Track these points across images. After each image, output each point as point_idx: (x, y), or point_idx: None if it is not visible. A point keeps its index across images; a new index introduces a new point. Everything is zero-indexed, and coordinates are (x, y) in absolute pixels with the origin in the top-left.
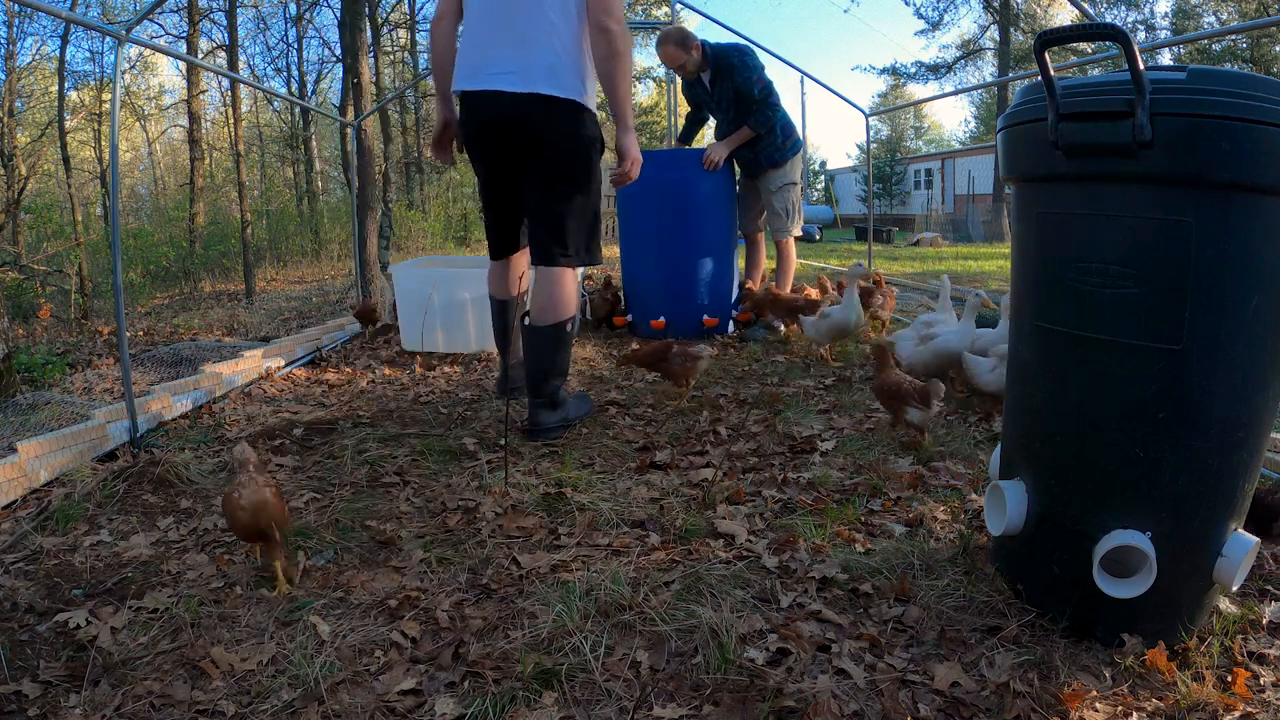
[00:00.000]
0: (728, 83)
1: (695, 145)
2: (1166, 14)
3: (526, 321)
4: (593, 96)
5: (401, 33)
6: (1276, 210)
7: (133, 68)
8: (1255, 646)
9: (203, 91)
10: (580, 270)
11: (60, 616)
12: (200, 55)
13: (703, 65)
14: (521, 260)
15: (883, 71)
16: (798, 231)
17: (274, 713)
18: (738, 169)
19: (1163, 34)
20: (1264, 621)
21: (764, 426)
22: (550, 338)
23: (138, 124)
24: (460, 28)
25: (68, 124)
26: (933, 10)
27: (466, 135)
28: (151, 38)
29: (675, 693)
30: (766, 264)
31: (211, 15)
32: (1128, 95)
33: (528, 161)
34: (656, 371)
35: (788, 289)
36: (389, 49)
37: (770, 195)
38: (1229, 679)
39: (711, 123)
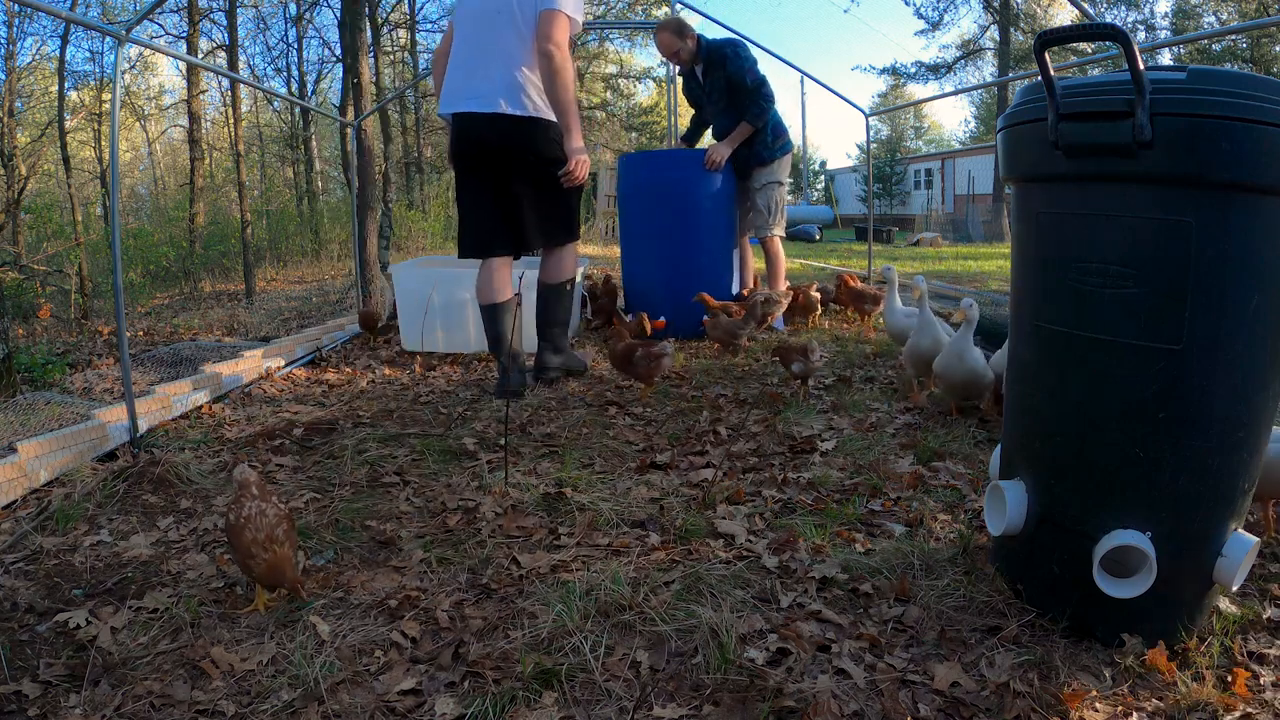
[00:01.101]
0: (719, 73)
1: (700, 146)
2: (1166, 14)
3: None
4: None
5: (401, 33)
6: (1276, 210)
7: (133, 68)
8: (1255, 646)
9: (203, 91)
10: (580, 269)
11: (60, 616)
12: (200, 55)
13: (696, 57)
14: (505, 266)
15: (883, 71)
16: (780, 232)
17: (274, 713)
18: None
19: (1163, 34)
20: (1264, 621)
21: (764, 426)
22: (554, 290)
23: (138, 124)
24: None
25: (68, 124)
26: (933, 10)
27: (451, 150)
28: (151, 38)
29: (675, 693)
30: (757, 265)
31: (211, 15)
32: (1128, 95)
33: (504, 170)
34: (627, 373)
35: (781, 289)
36: (389, 49)
37: (754, 192)
38: (1229, 679)
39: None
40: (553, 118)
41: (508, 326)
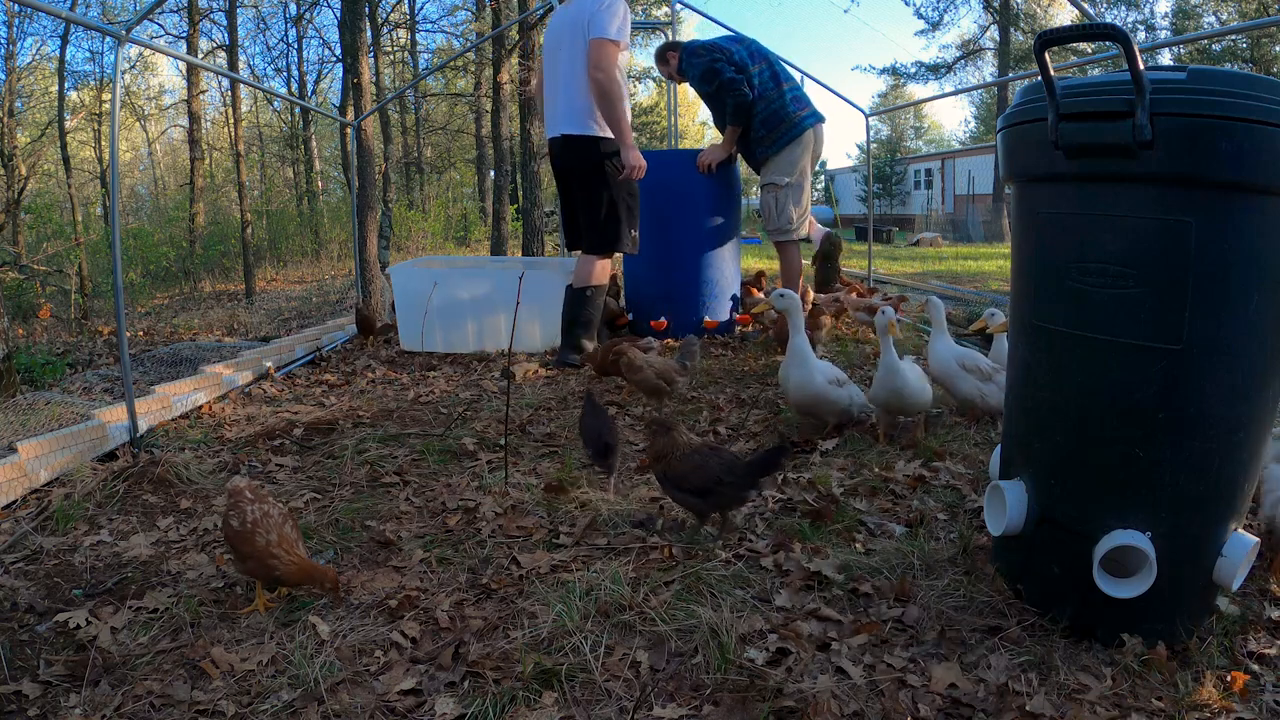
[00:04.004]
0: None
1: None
2: (1166, 14)
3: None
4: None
5: (401, 33)
6: (1276, 210)
7: (133, 68)
8: (1255, 646)
9: (203, 91)
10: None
11: (60, 616)
12: (200, 55)
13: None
14: (589, 258)
15: (883, 71)
16: (784, 237)
17: (274, 713)
18: (743, 168)
19: (1163, 34)
20: (1264, 621)
21: (764, 426)
22: (572, 293)
23: (138, 124)
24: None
25: (68, 124)
26: (933, 10)
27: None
28: (151, 38)
29: (675, 693)
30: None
31: (211, 15)
32: (1128, 95)
33: (570, 181)
34: (613, 375)
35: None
36: (389, 49)
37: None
38: (1229, 679)
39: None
40: (608, 134)
41: (570, 306)
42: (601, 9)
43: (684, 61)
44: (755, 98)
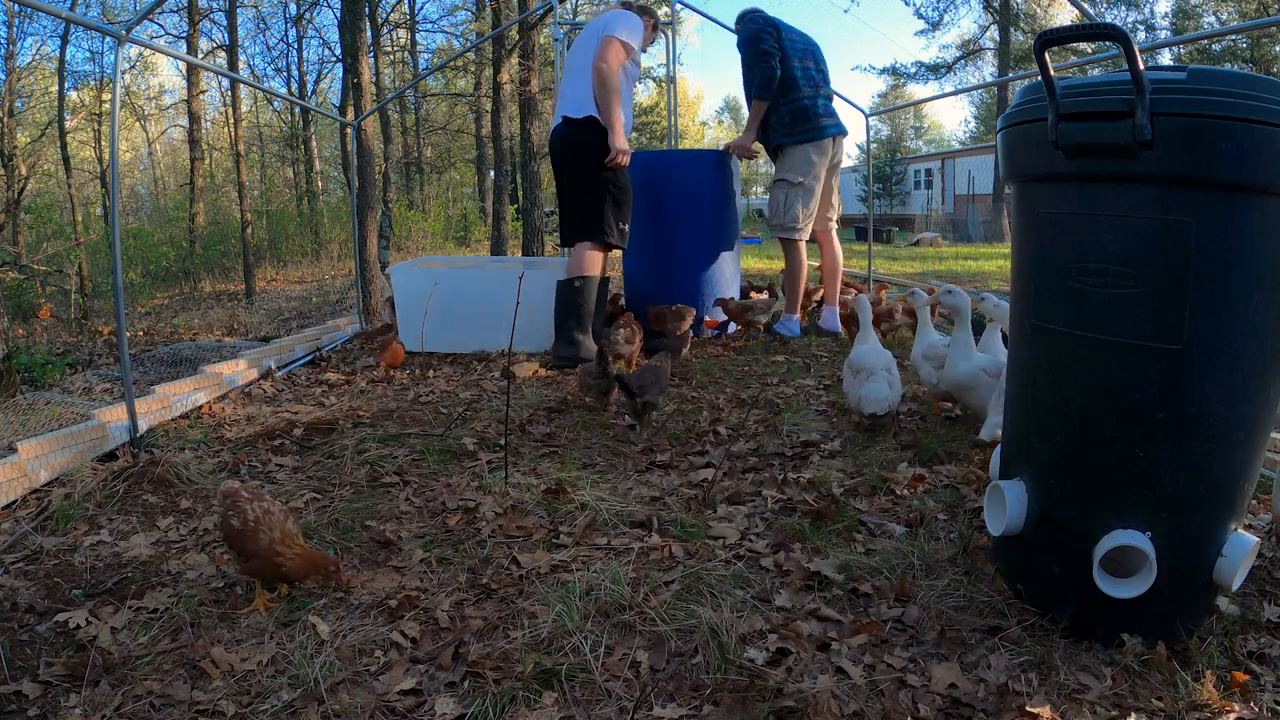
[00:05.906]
0: None
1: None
2: (1166, 14)
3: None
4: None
5: (401, 33)
6: (1276, 210)
7: (133, 68)
8: (1255, 646)
9: (203, 91)
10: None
11: (60, 616)
12: (200, 55)
13: None
14: (579, 250)
15: (883, 71)
16: (789, 235)
17: (274, 713)
18: (744, 168)
19: (1163, 34)
20: (1264, 621)
21: (764, 426)
22: (561, 286)
23: (138, 124)
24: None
25: (68, 124)
26: (933, 10)
27: None
28: (151, 38)
29: (675, 693)
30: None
31: (211, 15)
32: (1128, 95)
33: (562, 171)
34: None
35: (796, 299)
36: (389, 49)
37: (771, 188)
38: (1229, 679)
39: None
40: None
41: (560, 300)
42: (617, 19)
43: (739, 21)
44: (789, 82)
